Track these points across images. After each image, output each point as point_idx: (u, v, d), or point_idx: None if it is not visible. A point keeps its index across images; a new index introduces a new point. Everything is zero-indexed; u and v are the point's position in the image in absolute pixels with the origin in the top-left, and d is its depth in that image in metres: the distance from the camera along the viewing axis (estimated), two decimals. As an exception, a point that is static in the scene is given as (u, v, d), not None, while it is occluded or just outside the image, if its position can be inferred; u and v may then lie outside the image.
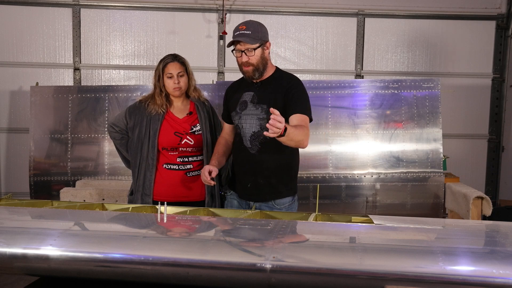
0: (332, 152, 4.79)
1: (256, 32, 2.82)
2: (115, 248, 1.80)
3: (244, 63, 2.85)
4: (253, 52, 2.81)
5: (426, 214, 4.66)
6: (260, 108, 2.88)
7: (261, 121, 2.85)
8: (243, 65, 2.86)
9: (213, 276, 1.70)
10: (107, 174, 4.82)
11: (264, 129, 2.68)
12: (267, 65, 2.91)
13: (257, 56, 2.83)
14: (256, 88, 2.93)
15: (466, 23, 6.08)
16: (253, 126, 2.88)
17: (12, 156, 5.94)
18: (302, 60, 6.05)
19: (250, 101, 2.92)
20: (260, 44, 2.83)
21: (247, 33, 2.81)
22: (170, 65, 3.15)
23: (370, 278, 1.63)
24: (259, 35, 2.83)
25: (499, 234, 2.13)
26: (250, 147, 2.89)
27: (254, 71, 2.86)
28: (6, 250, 1.78)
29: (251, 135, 2.89)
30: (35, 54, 5.91)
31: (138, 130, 3.20)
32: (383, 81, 4.95)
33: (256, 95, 2.91)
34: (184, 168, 3.17)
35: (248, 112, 2.91)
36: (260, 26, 2.88)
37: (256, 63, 2.84)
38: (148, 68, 5.89)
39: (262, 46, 2.85)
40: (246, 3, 5.95)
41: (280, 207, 2.92)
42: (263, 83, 2.92)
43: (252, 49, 2.81)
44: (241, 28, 2.84)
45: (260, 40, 2.83)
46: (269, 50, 2.92)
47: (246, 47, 2.81)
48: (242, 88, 3.00)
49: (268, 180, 2.89)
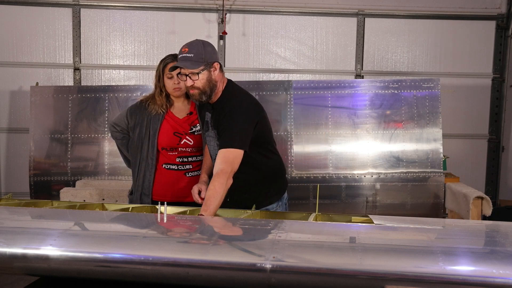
0: (332, 152, 4.79)
1: (199, 54, 2.68)
2: (115, 248, 1.80)
3: (189, 87, 2.73)
4: (197, 76, 2.68)
5: (426, 214, 4.66)
6: (214, 132, 2.82)
7: (217, 145, 2.77)
8: (189, 89, 2.75)
9: (213, 276, 1.70)
10: (107, 174, 4.82)
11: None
12: (216, 86, 2.76)
13: (202, 80, 2.69)
14: (211, 110, 2.85)
15: (466, 23, 6.08)
16: (215, 149, 2.80)
17: (12, 156, 5.94)
18: (302, 60, 6.05)
19: (210, 123, 2.86)
20: (204, 67, 2.68)
21: (189, 56, 2.67)
22: (170, 65, 3.16)
23: (370, 278, 1.63)
24: (202, 57, 2.68)
25: (499, 234, 2.13)
26: None
27: (201, 95, 2.73)
28: (6, 250, 1.78)
29: (215, 157, 2.77)
30: (35, 54, 5.91)
31: (138, 130, 3.21)
32: (383, 81, 4.95)
33: (212, 117, 2.84)
34: (184, 168, 3.17)
35: (209, 134, 2.88)
36: (205, 47, 2.73)
37: (202, 87, 2.71)
38: (148, 68, 5.89)
39: (207, 69, 2.70)
40: (246, 3, 5.95)
41: None
42: (215, 106, 2.82)
43: (196, 73, 2.68)
44: (183, 51, 2.70)
45: (204, 63, 2.68)
46: (218, 70, 2.75)
47: (190, 71, 2.69)
48: (204, 107, 2.93)
49: (244, 196, 2.82)
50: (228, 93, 2.82)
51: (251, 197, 2.85)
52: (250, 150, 2.72)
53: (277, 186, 2.99)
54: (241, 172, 2.70)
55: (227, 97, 2.80)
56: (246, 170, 2.75)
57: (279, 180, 3.01)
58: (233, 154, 2.63)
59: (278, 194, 2.98)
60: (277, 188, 2.99)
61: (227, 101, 2.77)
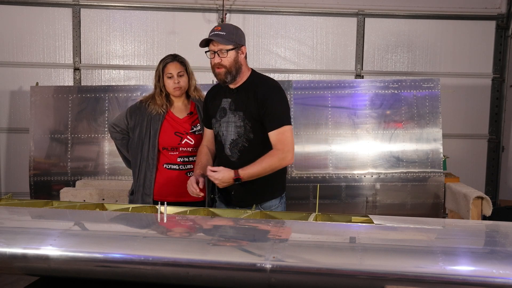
0: (332, 152, 4.79)
1: (230, 34, 2.76)
2: (115, 248, 1.80)
3: (216, 64, 2.78)
4: (226, 53, 2.75)
5: (426, 214, 4.66)
6: (237, 116, 2.84)
7: (238, 128, 2.83)
8: (215, 67, 2.79)
9: (213, 276, 1.70)
10: (107, 174, 4.82)
11: (242, 136, 2.82)
12: (241, 70, 2.82)
13: (230, 59, 2.76)
14: (233, 94, 2.87)
15: (466, 23, 6.08)
16: (231, 134, 2.85)
17: (12, 156, 5.94)
18: (302, 60, 6.05)
19: (228, 108, 2.88)
20: (234, 47, 2.76)
21: (222, 33, 2.74)
22: (170, 65, 3.16)
23: (370, 278, 1.63)
24: (233, 38, 2.76)
25: (499, 234, 2.13)
26: (230, 154, 2.87)
27: (226, 74, 2.78)
28: (6, 250, 1.78)
29: (230, 143, 2.86)
30: (35, 54, 5.91)
31: (138, 130, 3.21)
32: (383, 81, 4.95)
33: (233, 102, 2.86)
34: (185, 168, 3.17)
35: (227, 120, 2.87)
36: (236, 30, 2.82)
37: (228, 66, 2.76)
38: (148, 68, 5.89)
39: (236, 49, 2.77)
40: (246, 3, 5.95)
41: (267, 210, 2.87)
42: (239, 90, 2.86)
43: (225, 50, 2.74)
44: (216, 29, 2.79)
45: (234, 43, 2.76)
46: (244, 55, 2.83)
47: (219, 48, 2.75)
48: (220, 95, 2.94)
49: (250, 186, 2.81)
50: (256, 77, 2.89)
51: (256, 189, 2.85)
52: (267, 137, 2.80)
53: (281, 182, 3.01)
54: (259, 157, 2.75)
55: (256, 81, 2.86)
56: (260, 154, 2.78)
57: (283, 176, 3.02)
58: (285, 133, 2.76)
59: (280, 190, 2.98)
60: (281, 184, 3.00)
61: (258, 84, 2.83)
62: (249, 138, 2.82)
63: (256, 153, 2.77)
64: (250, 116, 2.80)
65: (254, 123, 2.81)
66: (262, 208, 2.87)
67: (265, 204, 2.88)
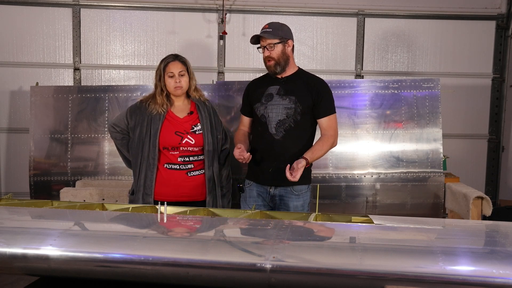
0: (332, 152, 4.76)
1: (276, 29, 3.18)
2: (115, 248, 1.80)
3: (266, 57, 3.18)
4: (273, 46, 3.15)
5: (426, 214, 4.65)
6: (288, 99, 3.20)
7: (288, 110, 3.18)
8: (266, 60, 3.20)
9: (213, 276, 1.70)
10: (107, 174, 4.82)
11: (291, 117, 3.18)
12: (289, 61, 3.23)
13: (277, 51, 3.16)
14: (281, 82, 3.25)
15: (466, 23, 6.08)
16: (279, 115, 3.19)
17: (12, 156, 5.94)
18: (302, 60, 6.05)
19: (276, 93, 3.23)
20: (280, 41, 3.16)
21: (269, 30, 3.16)
22: (171, 64, 3.17)
23: (370, 278, 1.63)
24: (279, 33, 3.17)
25: (499, 234, 2.13)
26: (275, 133, 3.19)
27: (276, 65, 3.18)
28: (6, 250, 1.78)
29: (276, 123, 3.19)
30: (35, 54, 5.91)
31: (139, 130, 3.21)
32: (383, 81, 4.95)
33: (282, 88, 3.23)
34: (185, 168, 3.18)
35: (274, 103, 3.21)
36: (282, 26, 3.23)
37: (277, 57, 3.16)
38: (148, 68, 5.89)
39: (283, 43, 3.17)
40: (246, 3, 5.95)
41: (298, 193, 3.21)
42: (288, 79, 3.26)
43: (273, 44, 3.14)
44: (265, 27, 3.20)
45: (280, 37, 3.16)
46: (291, 48, 3.24)
47: (267, 43, 3.15)
48: (265, 83, 3.30)
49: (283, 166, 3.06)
50: (304, 72, 3.34)
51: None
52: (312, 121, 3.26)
53: (310, 171, 3.33)
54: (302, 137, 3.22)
55: (304, 74, 3.32)
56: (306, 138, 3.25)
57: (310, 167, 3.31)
58: (334, 120, 3.28)
59: (309, 178, 3.31)
60: (310, 173, 3.33)
61: (307, 76, 3.30)
62: (296, 119, 3.18)
63: (298, 134, 3.20)
64: (303, 101, 3.19)
65: (304, 108, 3.19)
66: (294, 190, 3.20)
67: (297, 187, 3.20)
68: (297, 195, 3.21)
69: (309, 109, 3.21)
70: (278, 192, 3.22)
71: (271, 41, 3.14)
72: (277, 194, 3.22)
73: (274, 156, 3.18)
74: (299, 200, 3.23)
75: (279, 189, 3.21)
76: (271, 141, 3.19)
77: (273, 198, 3.24)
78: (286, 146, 3.17)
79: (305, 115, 3.21)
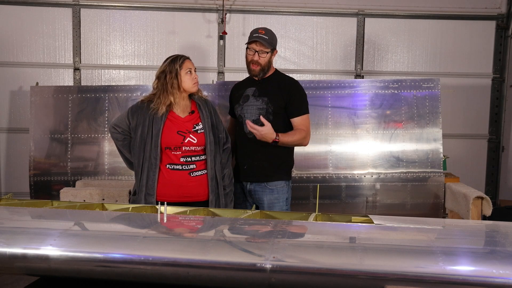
0: (332, 152, 4.79)
1: (271, 39, 3.38)
2: (115, 248, 1.80)
3: (253, 61, 3.36)
4: (265, 54, 3.35)
5: (426, 214, 4.65)
6: (260, 100, 3.39)
7: (260, 110, 3.37)
8: (252, 63, 3.38)
9: (213, 276, 1.70)
10: (107, 174, 4.82)
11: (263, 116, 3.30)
12: (270, 68, 3.45)
13: (266, 59, 3.37)
14: (257, 84, 3.45)
15: (466, 23, 6.07)
16: (252, 115, 3.38)
17: (12, 156, 5.93)
18: (302, 60, 6.05)
19: (252, 94, 3.43)
20: (270, 50, 3.38)
21: (266, 37, 3.34)
22: (187, 61, 3.21)
23: (370, 278, 1.63)
24: (272, 42, 3.39)
25: (499, 234, 2.13)
26: (249, 132, 3.32)
27: (260, 71, 3.39)
28: (6, 250, 1.78)
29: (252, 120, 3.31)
30: (35, 54, 5.90)
31: (140, 130, 3.20)
32: (383, 81, 4.95)
33: (257, 89, 3.43)
34: (188, 168, 3.17)
35: (249, 104, 3.42)
36: (274, 35, 3.44)
37: (263, 64, 3.38)
38: (148, 68, 5.88)
39: (272, 52, 3.41)
40: (246, 3, 5.95)
41: (272, 188, 3.39)
42: (264, 81, 3.45)
43: (265, 52, 3.35)
44: (260, 32, 3.36)
45: (272, 47, 3.39)
46: (274, 57, 3.47)
47: (261, 49, 3.34)
48: (245, 85, 3.52)
49: (261, 163, 3.38)
50: (279, 74, 3.53)
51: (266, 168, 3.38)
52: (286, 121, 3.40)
53: (287, 167, 3.51)
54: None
55: (279, 76, 3.50)
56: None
57: (291, 160, 3.54)
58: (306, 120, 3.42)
59: (286, 175, 3.48)
60: (287, 169, 3.50)
61: (281, 78, 3.49)
62: (268, 119, 3.30)
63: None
64: (274, 101, 3.37)
65: (275, 108, 3.36)
66: (268, 185, 3.39)
67: (271, 183, 3.39)
68: (271, 189, 3.39)
69: (281, 109, 3.39)
70: (254, 187, 3.43)
71: (265, 49, 3.34)
72: (253, 189, 3.43)
73: (247, 154, 3.42)
74: (273, 195, 3.39)
75: (254, 185, 3.43)
76: (245, 140, 3.42)
77: (250, 193, 3.46)
78: (258, 145, 3.32)
79: (278, 115, 3.38)
